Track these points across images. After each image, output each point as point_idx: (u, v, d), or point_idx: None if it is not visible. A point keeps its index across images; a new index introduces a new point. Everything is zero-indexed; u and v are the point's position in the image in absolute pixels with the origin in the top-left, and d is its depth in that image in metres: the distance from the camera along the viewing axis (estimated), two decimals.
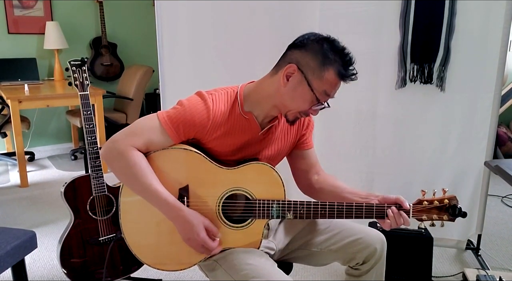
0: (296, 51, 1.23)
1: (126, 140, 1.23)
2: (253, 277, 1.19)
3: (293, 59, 1.22)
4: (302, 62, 1.21)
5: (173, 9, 2.35)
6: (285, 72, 1.22)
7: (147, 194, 1.22)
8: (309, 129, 1.47)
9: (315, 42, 1.21)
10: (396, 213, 1.26)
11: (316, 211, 1.27)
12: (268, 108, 1.29)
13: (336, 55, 1.19)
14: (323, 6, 2.19)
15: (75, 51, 4.51)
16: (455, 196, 1.26)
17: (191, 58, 2.40)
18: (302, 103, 1.23)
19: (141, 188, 1.22)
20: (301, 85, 1.21)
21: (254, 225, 1.29)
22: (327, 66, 1.19)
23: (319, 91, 1.21)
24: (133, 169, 1.20)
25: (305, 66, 1.20)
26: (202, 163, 1.26)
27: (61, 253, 1.85)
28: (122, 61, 4.74)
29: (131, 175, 1.22)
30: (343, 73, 1.20)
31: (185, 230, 1.22)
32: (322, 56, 1.19)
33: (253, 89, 1.30)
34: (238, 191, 1.28)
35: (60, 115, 4.57)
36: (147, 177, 1.21)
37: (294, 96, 1.23)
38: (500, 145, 3.94)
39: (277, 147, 1.39)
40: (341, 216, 1.28)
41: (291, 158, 1.49)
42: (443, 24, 2.09)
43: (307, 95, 1.22)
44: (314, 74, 1.20)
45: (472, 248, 2.45)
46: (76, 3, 4.49)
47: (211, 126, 1.25)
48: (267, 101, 1.28)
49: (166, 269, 1.32)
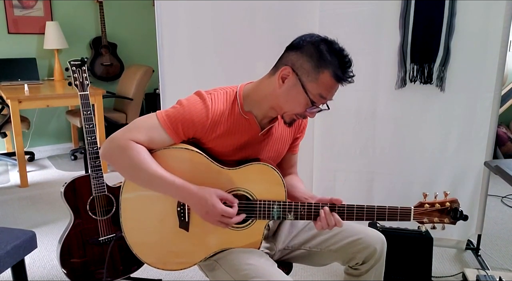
0: (292, 53, 1.22)
1: (125, 136, 1.22)
2: (253, 277, 1.19)
3: (288, 61, 1.22)
4: (297, 64, 1.20)
5: (173, 9, 2.35)
6: (280, 74, 1.22)
7: (154, 182, 1.21)
8: (303, 134, 1.48)
9: (311, 43, 1.20)
10: (327, 213, 1.24)
11: (317, 212, 1.27)
12: (266, 109, 1.29)
13: (333, 57, 1.17)
14: (323, 6, 2.19)
15: (75, 51, 4.51)
16: (457, 199, 1.26)
17: (191, 58, 2.40)
18: (297, 105, 1.23)
19: (146, 177, 1.21)
20: (296, 88, 1.21)
21: (254, 226, 1.29)
22: (322, 68, 1.17)
23: (313, 94, 1.20)
24: (135, 160, 1.20)
25: (299, 69, 1.20)
26: (203, 163, 1.26)
27: (61, 253, 1.85)
28: (122, 61, 4.74)
29: (134, 167, 1.20)
30: (340, 76, 1.18)
31: (200, 206, 1.20)
32: (317, 58, 1.17)
33: (252, 89, 1.30)
34: (239, 192, 1.28)
35: (60, 115, 4.57)
36: (149, 164, 1.20)
37: (288, 99, 1.23)
38: (500, 145, 3.94)
39: (276, 148, 1.39)
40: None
41: None
42: (443, 24, 2.09)
43: (301, 98, 1.21)
44: (309, 76, 1.19)
45: (472, 248, 2.45)
46: (76, 3, 4.49)
47: (210, 125, 1.25)
48: (265, 102, 1.28)
49: (166, 268, 1.32)
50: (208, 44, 2.36)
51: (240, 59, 2.32)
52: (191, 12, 2.33)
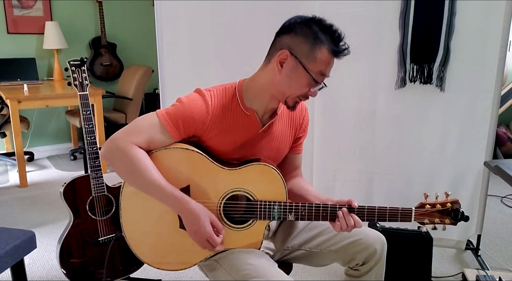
0: (285, 36, 1.23)
1: (126, 138, 1.22)
2: (254, 277, 1.19)
3: (284, 45, 1.22)
4: (294, 46, 1.21)
5: (173, 9, 2.34)
6: (278, 58, 1.22)
7: (152, 189, 1.21)
8: (306, 133, 1.48)
9: (303, 24, 1.21)
10: (346, 214, 1.25)
11: (317, 213, 1.27)
12: (266, 100, 1.29)
13: (325, 34, 1.19)
14: (322, 6, 2.19)
15: (75, 51, 4.50)
16: (458, 200, 1.26)
17: (191, 58, 2.40)
18: (300, 87, 1.23)
19: (145, 183, 1.21)
20: (296, 70, 1.21)
21: (255, 226, 1.29)
22: (319, 46, 1.19)
23: (314, 72, 1.20)
24: (136, 165, 1.20)
25: (297, 50, 1.20)
26: (204, 164, 1.26)
27: (61, 253, 1.85)
28: (121, 61, 4.73)
29: (134, 172, 1.20)
30: (336, 50, 1.20)
31: (192, 223, 1.20)
32: (312, 37, 1.19)
33: (250, 83, 1.31)
34: (240, 192, 1.28)
35: (59, 115, 4.56)
36: (150, 172, 1.20)
37: (291, 82, 1.23)
38: (500, 145, 3.94)
39: (276, 146, 1.39)
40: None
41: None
42: (442, 24, 2.09)
43: (303, 78, 1.21)
44: (308, 56, 1.19)
45: (471, 248, 2.45)
46: (75, 3, 4.48)
47: (210, 121, 1.25)
48: (265, 92, 1.28)
49: (166, 268, 1.31)
50: (208, 44, 2.36)
51: (240, 59, 2.32)
52: (191, 12, 2.33)
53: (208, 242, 1.21)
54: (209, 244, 1.21)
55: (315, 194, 1.39)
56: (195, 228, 1.20)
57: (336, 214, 1.26)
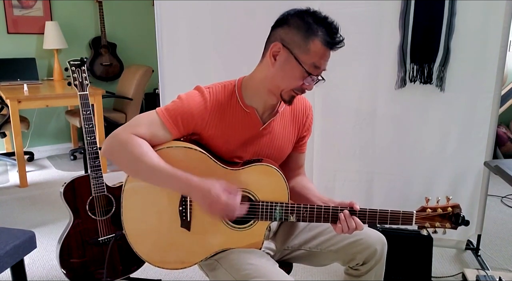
0: (278, 29, 1.23)
1: (126, 130, 1.21)
2: (254, 277, 1.18)
3: (277, 38, 1.22)
4: (286, 38, 1.20)
5: (173, 9, 2.34)
6: (271, 51, 1.22)
7: (156, 175, 1.20)
8: (310, 132, 1.47)
9: (297, 16, 1.21)
10: (347, 216, 1.24)
11: (319, 214, 1.27)
12: (265, 96, 1.28)
13: (320, 26, 1.18)
14: (322, 6, 2.17)
15: (75, 51, 4.50)
16: (459, 204, 1.26)
17: (191, 58, 2.40)
18: (293, 80, 1.22)
19: (148, 170, 1.19)
20: (289, 62, 1.20)
21: (256, 227, 1.29)
22: (312, 37, 1.18)
23: (308, 64, 1.19)
24: (137, 153, 1.18)
25: (289, 42, 1.20)
26: (206, 163, 1.26)
27: (61, 253, 1.85)
28: (121, 61, 4.73)
29: (135, 160, 1.19)
30: (330, 41, 1.19)
31: (204, 197, 1.17)
32: (305, 29, 1.18)
33: (249, 80, 1.31)
34: (242, 192, 1.27)
35: (59, 115, 4.56)
36: (151, 158, 1.19)
37: (284, 75, 1.22)
38: (500, 145, 3.94)
39: (278, 145, 1.38)
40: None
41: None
42: (442, 24, 2.09)
43: (296, 71, 1.20)
44: (300, 48, 1.19)
45: (471, 248, 2.45)
46: (75, 3, 4.48)
47: (209, 117, 1.25)
48: (262, 88, 1.27)
49: (167, 267, 1.31)
50: (207, 44, 2.36)
51: (240, 59, 2.31)
52: (191, 12, 2.33)
53: (228, 207, 1.16)
54: (230, 209, 1.17)
55: (317, 194, 1.38)
56: (210, 200, 1.16)
57: (338, 216, 1.26)
